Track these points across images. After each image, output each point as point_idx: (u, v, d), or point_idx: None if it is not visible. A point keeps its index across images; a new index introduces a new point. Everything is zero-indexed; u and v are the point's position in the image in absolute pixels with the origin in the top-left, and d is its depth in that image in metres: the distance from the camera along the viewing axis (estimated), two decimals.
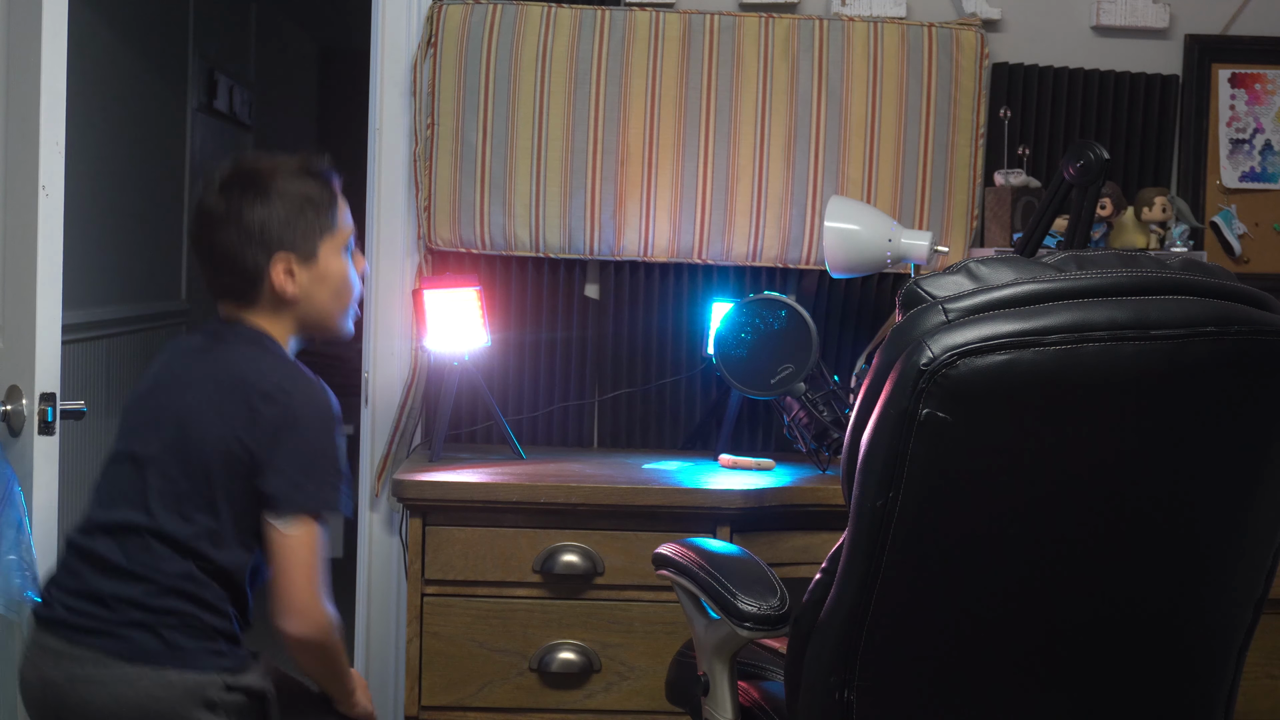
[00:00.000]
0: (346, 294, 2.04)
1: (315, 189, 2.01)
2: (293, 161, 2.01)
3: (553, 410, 3.02)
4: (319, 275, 2.00)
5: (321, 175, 2.02)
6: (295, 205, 1.97)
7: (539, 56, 2.91)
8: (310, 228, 1.99)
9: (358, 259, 2.07)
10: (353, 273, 2.05)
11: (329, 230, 2.01)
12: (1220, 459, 1.47)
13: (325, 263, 2.01)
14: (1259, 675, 2.51)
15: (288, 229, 1.97)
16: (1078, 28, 3.08)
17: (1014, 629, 1.50)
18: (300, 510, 1.88)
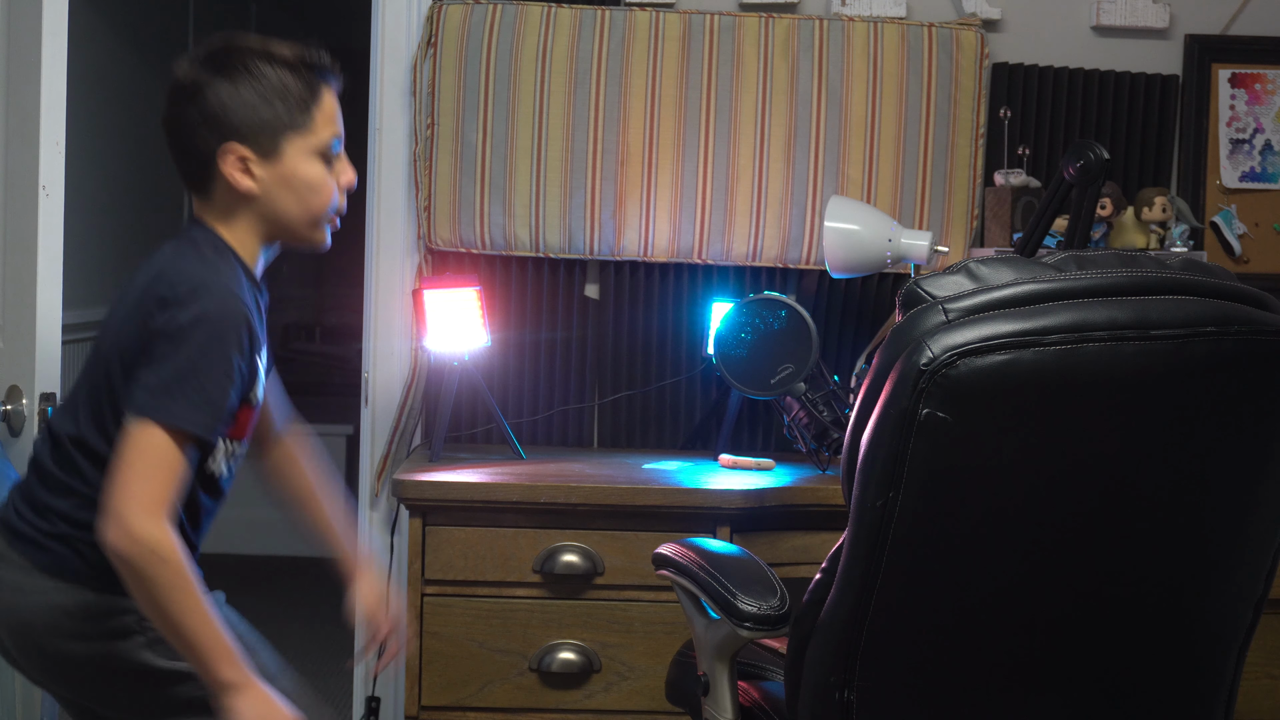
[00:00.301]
0: (314, 201, 1.86)
1: (294, 81, 1.83)
2: (285, 48, 1.85)
3: (553, 413, 3.02)
4: (282, 175, 1.83)
5: (310, 68, 1.85)
6: (264, 94, 1.81)
7: (539, 56, 2.91)
8: (276, 122, 1.82)
9: (342, 168, 1.90)
10: (329, 181, 1.87)
11: (299, 129, 1.83)
12: (1220, 459, 1.47)
13: (291, 163, 1.83)
14: (1259, 675, 2.51)
15: (249, 118, 1.80)
16: (1078, 28, 3.08)
17: (1014, 629, 1.50)
18: (147, 414, 1.68)
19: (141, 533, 1.65)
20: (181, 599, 1.67)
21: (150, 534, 1.65)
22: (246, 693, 1.70)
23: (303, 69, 1.85)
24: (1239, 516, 1.51)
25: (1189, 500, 1.48)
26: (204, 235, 1.84)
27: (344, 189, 1.90)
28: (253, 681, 1.71)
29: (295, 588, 4.85)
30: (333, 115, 1.87)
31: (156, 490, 1.67)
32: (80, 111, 2.98)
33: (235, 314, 1.74)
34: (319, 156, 1.86)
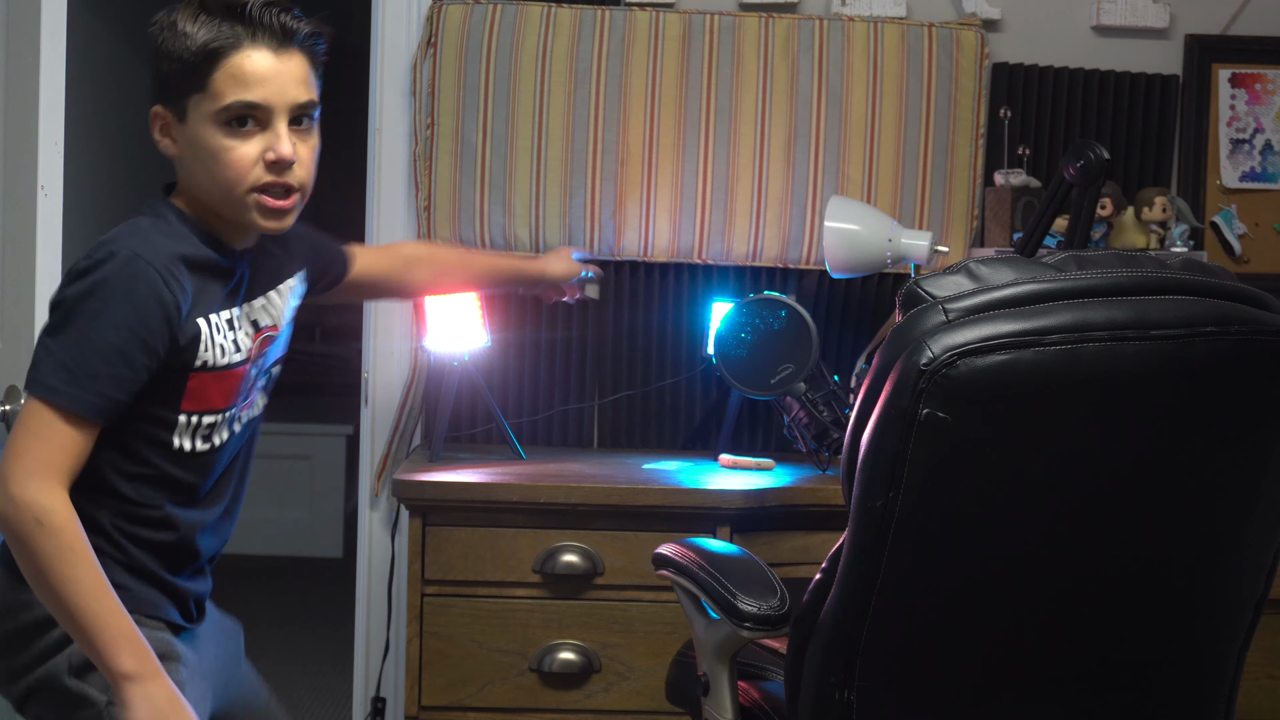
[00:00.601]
0: (220, 174, 1.68)
1: (200, 33, 1.66)
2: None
3: (553, 413, 3.02)
4: (189, 141, 1.70)
5: (226, 18, 1.67)
6: (170, 48, 1.67)
7: (539, 56, 2.91)
8: (174, 81, 1.68)
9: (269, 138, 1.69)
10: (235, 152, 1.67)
11: (198, 89, 1.67)
12: (1221, 459, 1.47)
13: (192, 127, 1.69)
14: (1259, 675, 2.51)
15: (159, 74, 1.70)
16: (1078, 28, 3.08)
17: (1014, 628, 1.49)
18: (26, 387, 1.61)
19: (21, 496, 1.56)
20: (66, 571, 1.55)
21: (33, 498, 1.56)
22: (143, 684, 1.57)
23: (216, 19, 1.67)
24: (1239, 516, 1.51)
25: (1189, 500, 1.48)
26: (154, 204, 1.76)
27: (269, 162, 1.69)
28: (155, 673, 1.58)
29: (295, 588, 4.85)
30: (244, 75, 1.66)
31: (42, 456, 1.58)
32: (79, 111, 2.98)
33: (138, 277, 1.61)
34: (220, 124, 1.67)
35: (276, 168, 1.69)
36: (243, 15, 1.67)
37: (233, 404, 1.77)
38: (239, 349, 1.75)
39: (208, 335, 1.70)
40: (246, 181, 1.68)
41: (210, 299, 1.71)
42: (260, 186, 1.69)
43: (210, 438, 1.75)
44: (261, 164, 1.68)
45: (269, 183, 1.69)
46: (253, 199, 1.70)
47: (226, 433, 1.78)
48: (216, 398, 1.74)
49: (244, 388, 1.79)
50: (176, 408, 1.71)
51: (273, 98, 1.67)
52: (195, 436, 1.73)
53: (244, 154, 1.67)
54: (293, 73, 1.70)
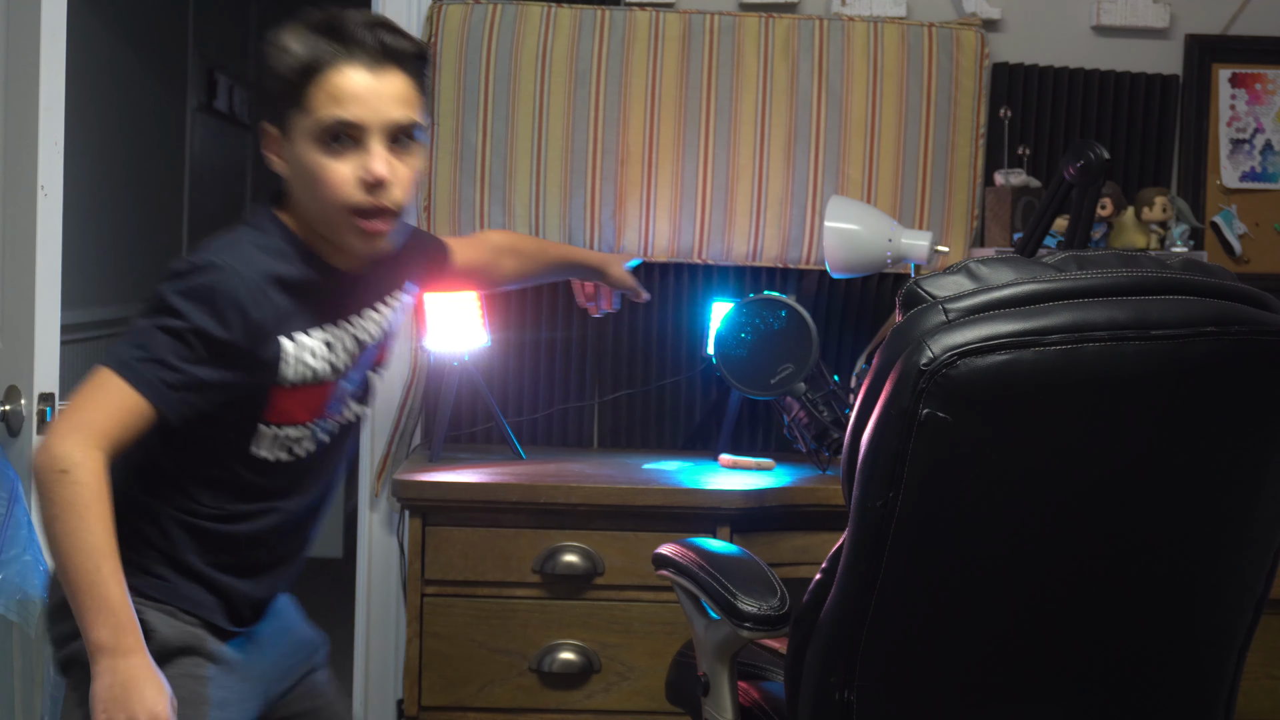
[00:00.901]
0: (319, 193, 1.68)
1: (301, 49, 1.66)
2: (320, 13, 1.69)
3: (552, 412, 3.02)
4: (292, 159, 1.70)
5: (326, 35, 1.67)
6: (276, 64, 1.68)
7: (539, 56, 2.91)
8: (277, 98, 1.69)
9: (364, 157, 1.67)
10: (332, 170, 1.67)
11: (298, 105, 1.67)
12: (1221, 459, 1.47)
13: (294, 145, 1.69)
14: (1259, 675, 2.51)
15: (266, 91, 1.70)
16: (1078, 28, 3.08)
17: (1014, 628, 1.49)
18: (105, 360, 1.64)
19: (59, 446, 1.57)
20: (74, 523, 1.56)
21: (67, 451, 1.57)
22: (113, 658, 1.56)
23: (317, 36, 1.67)
24: (1239, 516, 1.51)
25: (1189, 500, 1.48)
26: (260, 213, 1.76)
27: (365, 182, 1.68)
28: (130, 650, 1.57)
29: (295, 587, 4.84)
30: (340, 93, 1.65)
31: (92, 418, 1.60)
32: (79, 111, 2.98)
33: (228, 292, 1.63)
34: (317, 141, 1.67)
35: (371, 188, 1.68)
36: (341, 33, 1.67)
37: (319, 417, 1.79)
38: (332, 366, 1.77)
39: (293, 354, 1.71)
40: (342, 201, 1.68)
41: (303, 318, 1.72)
42: (355, 208, 1.68)
43: (292, 449, 1.78)
44: (358, 184, 1.67)
45: (363, 204, 1.68)
46: (348, 219, 1.69)
47: (311, 445, 1.80)
48: (301, 411, 1.76)
49: (332, 401, 1.80)
50: (259, 418, 1.73)
51: (368, 116, 1.66)
52: (276, 448, 1.76)
53: (339, 172, 1.67)
54: (391, 91, 1.68)
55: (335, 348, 1.77)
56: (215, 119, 5.50)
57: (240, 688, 1.79)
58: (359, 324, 1.82)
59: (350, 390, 1.84)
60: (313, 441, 1.80)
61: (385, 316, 1.88)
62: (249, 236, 1.72)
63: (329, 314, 1.76)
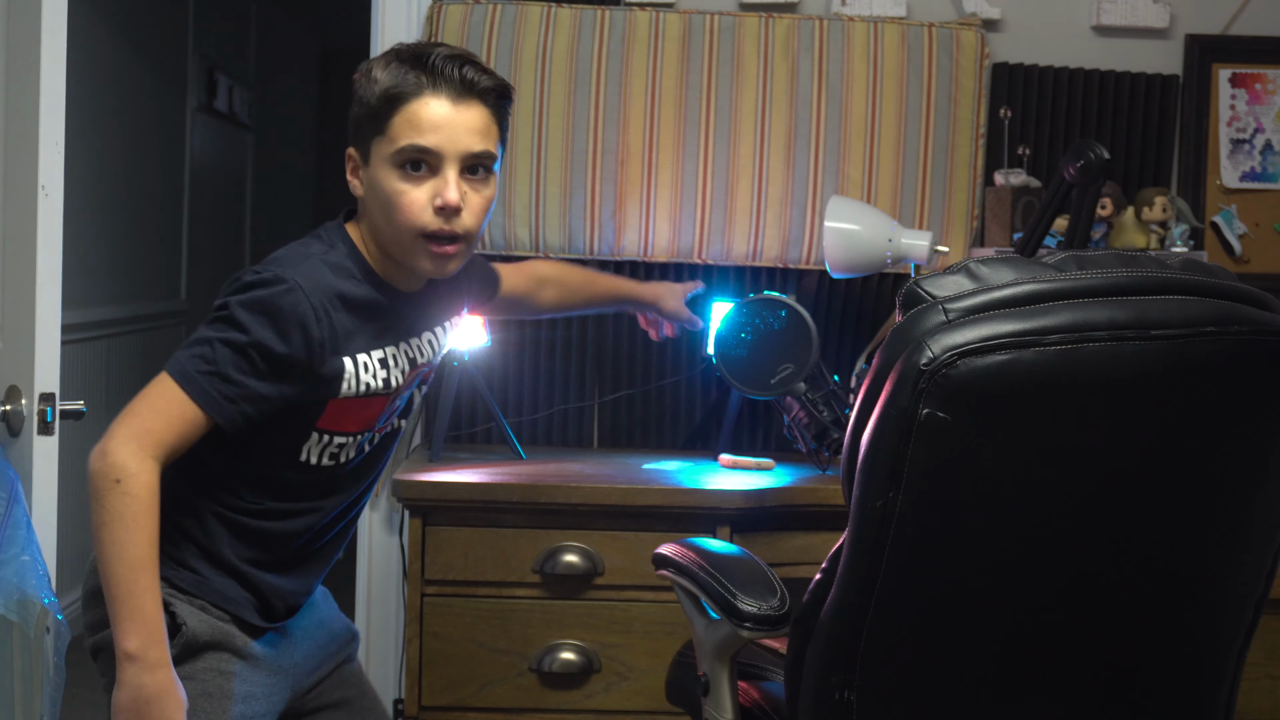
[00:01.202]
0: (394, 216, 1.75)
1: (386, 79, 1.75)
2: (413, 46, 1.78)
3: (552, 412, 3.02)
4: (370, 183, 1.79)
5: (412, 67, 1.75)
6: (362, 94, 1.78)
7: (539, 56, 2.91)
8: (361, 124, 1.78)
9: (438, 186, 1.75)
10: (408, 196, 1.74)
11: (379, 133, 1.76)
12: (1221, 459, 1.47)
13: (373, 170, 1.77)
14: (1259, 675, 2.51)
15: (352, 118, 1.80)
16: (1078, 28, 3.08)
17: (1014, 628, 1.49)
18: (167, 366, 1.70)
19: (115, 453, 1.63)
20: (121, 534, 1.61)
21: (123, 460, 1.62)
22: (138, 669, 1.61)
23: (404, 67, 1.75)
24: (1239, 516, 1.51)
25: (1189, 500, 1.48)
26: (331, 229, 1.83)
27: (438, 208, 1.75)
28: (156, 664, 1.62)
29: None
30: (421, 121, 1.73)
31: (150, 426, 1.65)
32: (80, 111, 2.98)
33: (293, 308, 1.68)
34: (395, 166, 1.75)
35: (444, 214, 1.74)
36: (426, 65, 1.74)
37: (368, 429, 1.84)
38: (388, 384, 1.82)
39: (353, 372, 1.76)
40: (416, 225, 1.74)
41: (365, 337, 1.78)
42: (428, 232, 1.75)
43: (338, 456, 1.82)
44: (431, 210, 1.74)
45: (436, 229, 1.75)
46: (420, 244, 1.76)
47: (354, 451, 1.84)
48: (352, 423, 1.81)
49: (383, 415, 1.85)
50: (311, 425, 1.77)
51: (445, 144, 1.74)
52: (323, 454, 1.81)
53: (415, 197, 1.74)
54: (469, 122, 1.75)
55: (392, 367, 1.82)
56: (215, 119, 5.50)
57: (268, 681, 1.83)
58: (416, 345, 1.89)
59: (399, 406, 1.90)
60: (356, 449, 1.84)
61: (439, 339, 1.96)
62: (318, 251, 1.78)
63: (389, 334, 1.82)
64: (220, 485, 1.78)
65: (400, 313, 1.84)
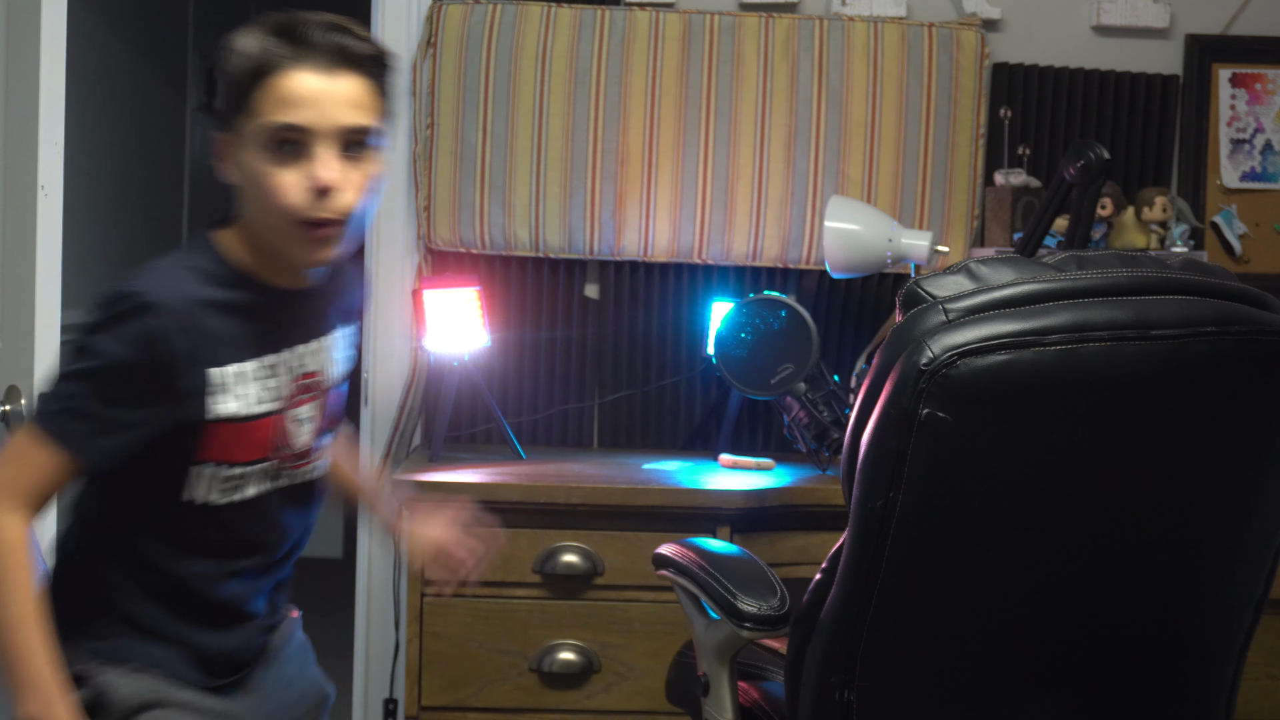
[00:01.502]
0: (265, 201, 1.58)
1: (254, 51, 1.57)
2: (278, 16, 1.60)
3: (552, 412, 3.02)
4: (241, 167, 1.60)
5: (279, 37, 1.57)
6: (228, 69, 1.59)
7: (539, 56, 2.90)
8: (228, 102, 1.59)
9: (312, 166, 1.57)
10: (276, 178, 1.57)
11: (246, 110, 1.57)
12: (1221, 459, 1.47)
13: (243, 152, 1.59)
14: (1259, 675, 2.51)
15: (220, 96, 1.61)
16: (1078, 28, 3.08)
17: (1014, 628, 1.49)
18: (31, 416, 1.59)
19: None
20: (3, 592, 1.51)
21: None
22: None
23: (269, 38, 1.58)
24: (1239, 516, 1.51)
25: (1189, 500, 1.48)
26: (196, 238, 1.66)
27: (312, 190, 1.57)
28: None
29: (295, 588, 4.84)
30: (288, 96, 1.56)
31: (9, 478, 1.54)
32: (79, 111, 2.98)
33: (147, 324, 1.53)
34: (264, 148, 1.57)
35: (317, 196, 1.57)
36: (294, 35, 1.58)
37: (266, 456, 1.67)
38: (273, 398, 1.66)
39: (224, 384, 1.61)
40: (288, 209, 1.57)
41: (238, 345, 1.62)
42: (303, 217, 1.58)
43: (241, 489, 1.66)
44: (305, 192, 1.57)
45: (310, 213, 1.58)
46: (297, 231, 1.59)
47: (262, 485, 1.68)
48: (241, 449, 1.64)
49: (280, 439, 1.68)
50: (190, 458, 1.62)
51: (316, 121, 1.57)
52: (217, 489, 1.65)
53: (287, 180, 1.57)
54: (343, 95, 1.58)
55: (277, 377, 1.66)
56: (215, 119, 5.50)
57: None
58: (303, 352, 1.71)
59: (309, 433, 1.72)
60: (263, 482, 1.68)
61: (332, 350, 1.76)
62: (175, 261, 1.62)
63: (267, 340, 1.66)
64: (130, 545, 1.65)
65: (279, 314, 1.67)
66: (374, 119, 1.62)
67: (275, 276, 1.66)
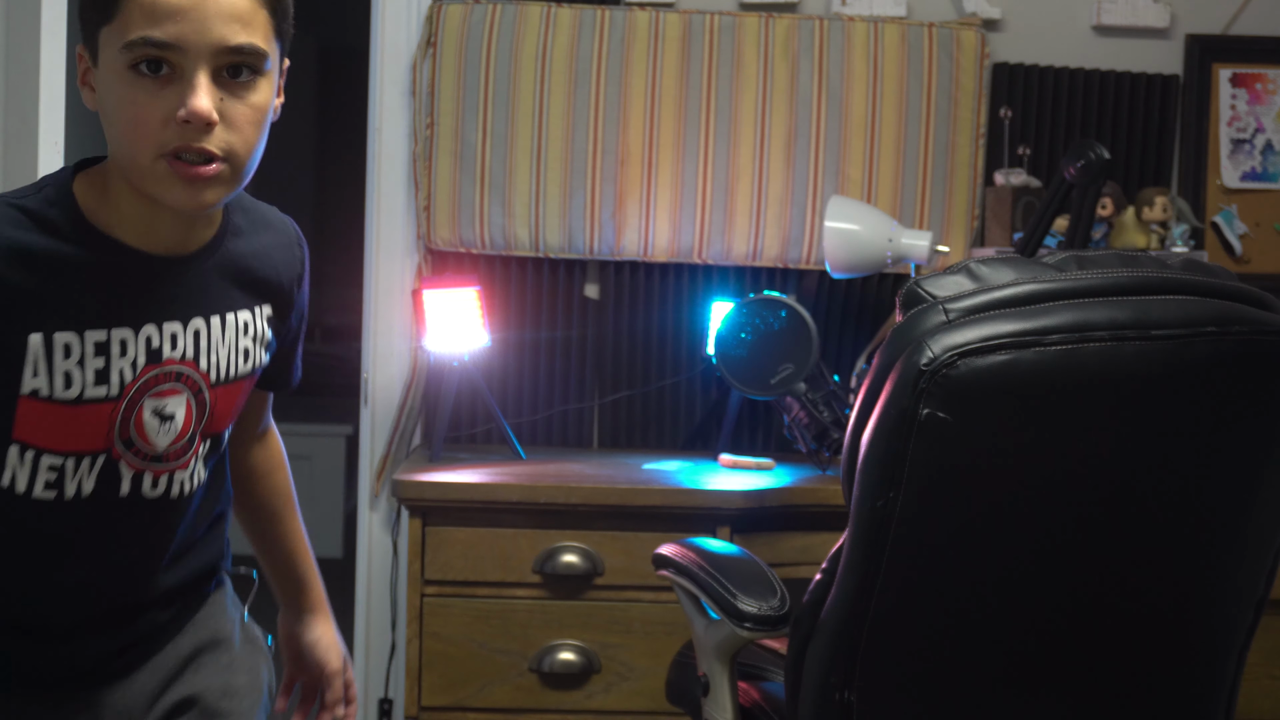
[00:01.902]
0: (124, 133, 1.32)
1: None
2: None
3: (552, 413, 3.02)
4: (101, 90, 1.35)
5: None
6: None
7: (539, 56, 2.90)
8: (86, 9, 1.34)
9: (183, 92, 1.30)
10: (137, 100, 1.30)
11: (104, 20, 1.32)
12: (1221, 459, 1.47)
13: (103, 72, 1.33)
14: (1259, 675, 2.51)
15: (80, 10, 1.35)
16: (1078, 27, 3.08)
17: (1014, 628, 1.49)
18: None
19: None
20: None
21: None
22: None
23: None
24: (1239, 516, 1.51)
25: (1189, 500, 1.48)
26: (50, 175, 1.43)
27: (181, 122, 1.29)
28: None
29: None
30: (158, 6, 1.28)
31: None
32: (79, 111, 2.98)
33: None
34: (127, 66, 1.30)
35: (188, 129, 1.30)
36: None
37: (98, 449, 1.40)
38: (106, 380, 1.38)
39: (40, 353, 1.35)
40: (151, 144, 1.31)
41: (66, 309, 1.35)
42: (171, 151, 1.31)
43: (60, 487, 1.40)
44: (172, 123, 1.30)
45: (179, 145, 1.31)
46: (161, 167, 1.31)
47: (84, 487, 1.41)
48: (60, 436, 1.38)
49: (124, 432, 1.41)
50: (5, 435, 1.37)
51: (188, 36, 1.29)
52: (35, 479, 1.39)
53: (150, 108, 1.30)
54: (221, 5, 1.30)
55: (114, 355, 1.38)
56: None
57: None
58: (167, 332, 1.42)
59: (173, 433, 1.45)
60: (82, 482, 1.41)
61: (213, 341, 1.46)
62: (8, 194, 1.38)
63: (112, 311, 1.38)
64: None
65: (135, 280, 1.39)
66: (263, 39, 1.34)
67: (140, 235, 1.39)
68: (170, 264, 1.41)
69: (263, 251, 1.52)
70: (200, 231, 1.44)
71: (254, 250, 1.51)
